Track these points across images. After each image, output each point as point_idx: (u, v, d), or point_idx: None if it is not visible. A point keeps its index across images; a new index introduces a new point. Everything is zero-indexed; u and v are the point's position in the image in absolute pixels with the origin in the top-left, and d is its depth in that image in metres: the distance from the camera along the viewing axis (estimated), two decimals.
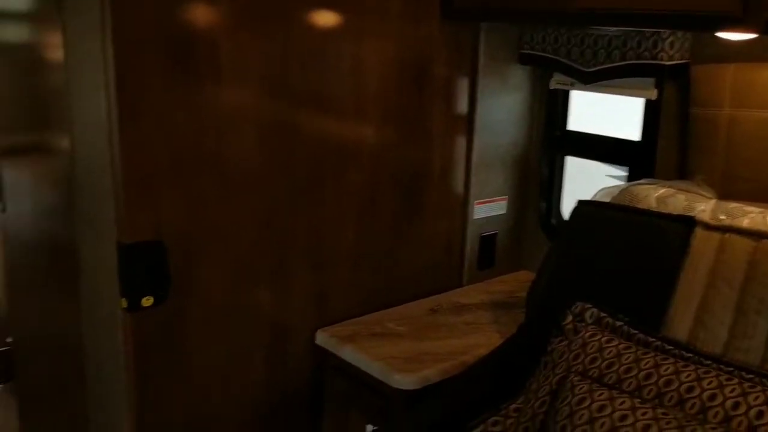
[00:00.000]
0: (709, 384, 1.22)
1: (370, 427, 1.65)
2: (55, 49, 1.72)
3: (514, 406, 1.46)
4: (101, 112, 1.46)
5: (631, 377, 1.29)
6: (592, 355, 1.37)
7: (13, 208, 2.24)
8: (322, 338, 1.77)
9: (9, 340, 3.44)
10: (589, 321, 1.46)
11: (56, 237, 1.98)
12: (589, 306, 1.48)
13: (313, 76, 1.69)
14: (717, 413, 1.18)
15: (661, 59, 1.73)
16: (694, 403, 1.21)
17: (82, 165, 1.63)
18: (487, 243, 2.15)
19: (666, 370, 1.28)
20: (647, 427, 1.16)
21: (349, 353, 1.70)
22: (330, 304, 1.83)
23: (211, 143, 1.57)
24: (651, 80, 1.83)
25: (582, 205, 1.66)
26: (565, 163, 2.20)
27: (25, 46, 1.98)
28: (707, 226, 1.45)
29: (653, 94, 1.84)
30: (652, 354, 1.32)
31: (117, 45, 1.40)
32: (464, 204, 2.07)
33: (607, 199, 1.64)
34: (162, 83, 1.47)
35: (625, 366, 1.31)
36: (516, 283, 2.11)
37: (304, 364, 1.80)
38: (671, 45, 1.72)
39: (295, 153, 1.70)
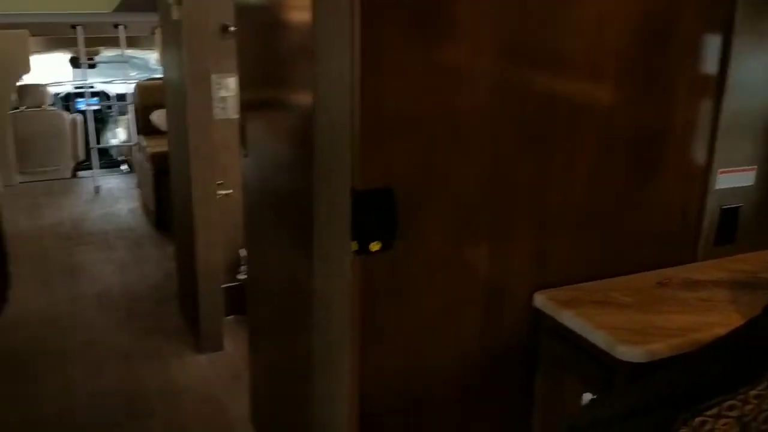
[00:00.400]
0: None
1: (587, 395, 1.59)
2: (298, 10, 1.81)
3: (754, 392, 1.33)
4: (345, 67, 1.52)
5: None
6: None
7: (253, 155, 2.43)
8: (540, 301, 1.74)
9: (241, 276, 3.79)
10: None
11: (290, 183, 2.12)
12: None
13: (551, 34, 1.63)
14: None
15: None
16: None
17: (323, 117, 1.71)
18: (728, 216, 1.96)
19: None
20: None
21: (569, 318, 1.65)
22: (550, 266, 1.78)
23: (443, 98, 1.58)
24: None
25: None
26: None
27: (269, 7, 2.12)
28: None
29: None
30: None
31: (364, 3, 1.45)
32: (705, 172, 1.91)
33: None
34: (402, 40, 1.51)
35: None
36: (760, 262, 1.91)
37: (520, 324, 1.78)
38: None
39: (525, 110, 1.66)
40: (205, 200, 3.24)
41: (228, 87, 3.51)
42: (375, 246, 1.58)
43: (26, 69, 5.89)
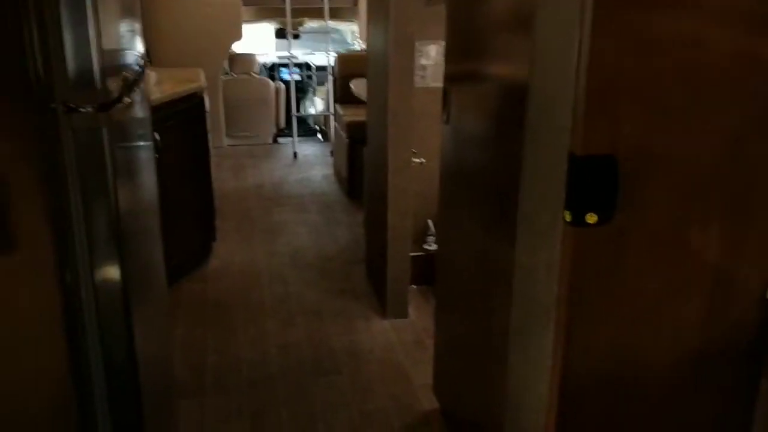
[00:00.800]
0: None
1: None
2: None
3: None
4: (571, 24, 1.41)
5: None
6: None
7: (454, 123, 2.39)
8: None
9: (427, 246, 3.79)
10: None
11: (491, 151, 2.05)
12: None
13: None
14: None
15: None
16: None
17: (540, 80, 1.61)
18: None
19: None
20: None
21: None
22: None
23: (680, 62, 1.42)
24: None
25: None
26: None
27: None
28: None
29: None
30: None
31: None
32: None
33: None
34: None
35: None
36: None
37: (749, 318, 1.58)
38: None
39: None
40: (400, 168, 3.25)
41: (428, 55, 3.49)
42: (591, 218, 1.46)
43: (238, 37, 6.28)
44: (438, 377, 2.68)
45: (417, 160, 3.37)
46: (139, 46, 2.07)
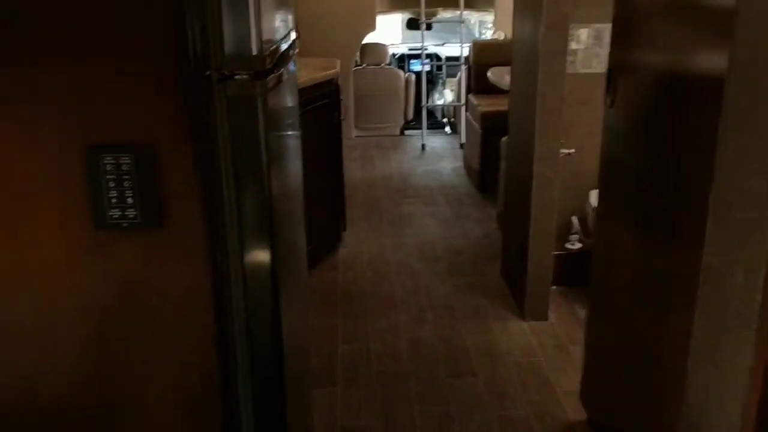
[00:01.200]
0: None
1: None
2: None
3: None
4: None
5: None
6: None
7: (620, 105, 2.17)
8: None
9: (570, 245, 3.57)
10: None
11: (673, 138, 1.84)
12: None
13: None
14: None
15: None
16: None
17: (745, 51, 1.39)
18: None
19: None
20: None
21: None
22: None
23: None
24: None
25: None
26: None
27: None
28: None
29: None
30: None
31: None
32: None
33: None
34: None
35: None
36: None
37: None
38: None
39: None
40: (547, 157, 3.04)
41: (579, 39, 3.26)
42: None
43: (372, 27, 6.23)
44: (587, 385, 2.47)
45: (565, 151, 3.14)
46: (292, 34, 2.01)
